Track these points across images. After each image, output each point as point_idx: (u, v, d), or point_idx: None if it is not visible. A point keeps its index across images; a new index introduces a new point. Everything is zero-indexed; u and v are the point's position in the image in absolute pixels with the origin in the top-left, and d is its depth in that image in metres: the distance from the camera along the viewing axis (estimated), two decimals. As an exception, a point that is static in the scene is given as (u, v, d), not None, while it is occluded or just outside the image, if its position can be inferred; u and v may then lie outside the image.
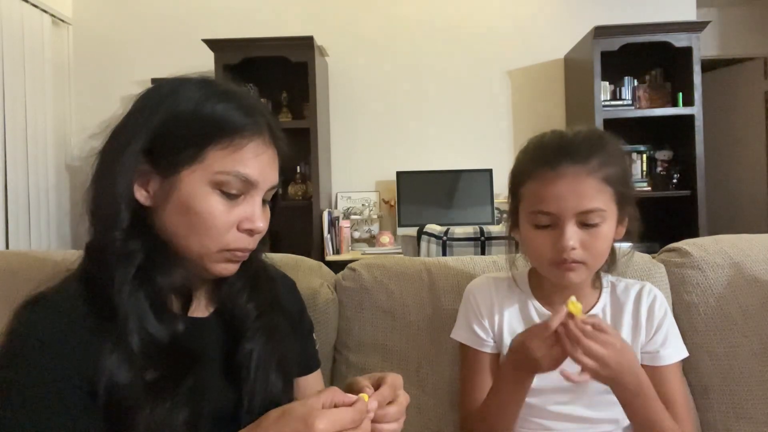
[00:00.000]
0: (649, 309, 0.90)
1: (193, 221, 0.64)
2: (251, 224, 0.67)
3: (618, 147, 0.86)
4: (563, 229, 0.80)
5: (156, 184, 0.65)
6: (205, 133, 0.64)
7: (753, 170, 4.11)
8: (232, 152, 0.65)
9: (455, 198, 3.24)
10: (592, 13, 3.35)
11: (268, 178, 0.69)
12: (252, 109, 0.68)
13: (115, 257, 0.62)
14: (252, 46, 3.03)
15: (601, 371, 0.73)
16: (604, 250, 0.82)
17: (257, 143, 0.67)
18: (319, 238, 3.06)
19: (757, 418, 1.02)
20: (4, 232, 2.78)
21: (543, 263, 0.84)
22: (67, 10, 3.37)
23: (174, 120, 0.65)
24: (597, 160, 0.80)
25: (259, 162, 0.67)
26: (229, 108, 0.66)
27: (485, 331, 0.94)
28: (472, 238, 2.00)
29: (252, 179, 0.66)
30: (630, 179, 0.87)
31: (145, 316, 0.62)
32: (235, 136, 0.65)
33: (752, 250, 1.11)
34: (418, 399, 1.05)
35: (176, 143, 0.64)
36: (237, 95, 0.69)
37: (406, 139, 3.46)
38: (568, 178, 0.80)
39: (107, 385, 0.57)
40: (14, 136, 2.84)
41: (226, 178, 0.65)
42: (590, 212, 0.79)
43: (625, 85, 3.20)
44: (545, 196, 0.81)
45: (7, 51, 2.79)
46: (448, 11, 3.44)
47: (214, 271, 0.69)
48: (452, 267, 1.14)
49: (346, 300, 1.13)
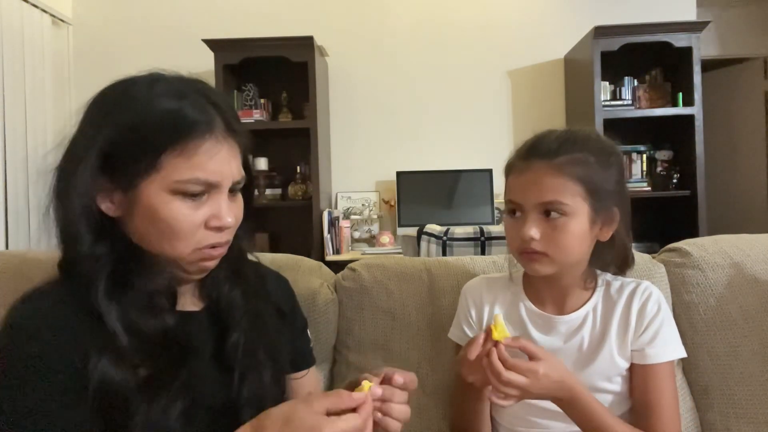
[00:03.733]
0: (641, 307, 0.90)
1: (161, 228, 0.64)
2: (218, 222, 0.66)
3: (606, 148, 0.87)
4: (526, 218, 0.84)
5: (119, 196, 0.65)
6: (155, 141, 0.63)
7: (753, 170, 4.11)
8: (188, 158, 0.63)
9: (455, 198, 3.24)
10: (592, 13, 3.35)
11: (228, 175, 0.67)
12: (202, 106, 0.66)
13: (84, 270, 0.62)
14: (252, 46, 3.03)
15: (523, 396, 0.76)
16: (568, 245, 0.83)
17: (211, 143, 0.65)
18: (319, 238, 3.06)
19: (757, 418, 1.02)
20: (4, 232, 2.78)
21: (513, 252, 0.88)
22: (67, 10, 3.37)
23: (123, 131, 0.63)
24: (566, 158, 0.83)
25: (216, 162, 0.65)
26: (177, 109, 0.64)
27: (474, 331, 0.96)
28: (472, 238, 2.00)
29: (212, 181, 0.65)
30: (618, 180, 0.87)
31: (131, 315, 0.62)
32: (188, 140, 0.63)
33: (752, 250, 1.11)
34: (418, 399, 1.05)
35: (129, 155, 0.63)
36: (185, 93, 0.66)
37: (406, 139, 3.46)
38: (533, 171, 0.84)
39: (100, 384, 0.58)
40: (14, 136, 2.84)
41: (186, 185, 0.63)
42: (550, 203, 0.82)
43: (625, 85, 3.20)
44: (514, 187, 0.87)
45: (7, 51, 2.79)
46: (448, 11, 3.44)
47: (192, 272, 0.69)
48: (452, 267, 1.14)
49: (346, 300, 1.13)
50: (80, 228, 0.63)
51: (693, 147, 2.96)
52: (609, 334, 0.89)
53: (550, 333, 0.91)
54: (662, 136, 3.25)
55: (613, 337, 0.89)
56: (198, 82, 0.69)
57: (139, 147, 0.63)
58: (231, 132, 0.68)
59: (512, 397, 0.76)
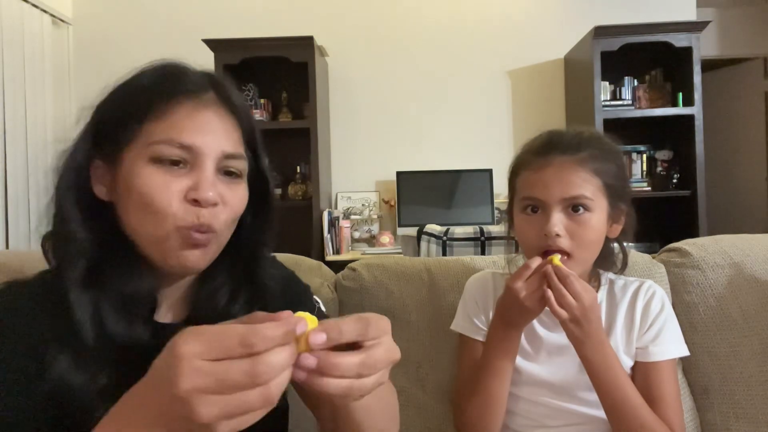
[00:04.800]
0: (645, 305, 0.90)
1: (136, 201, 0.59)
2: (196, 193, 0.59)
3: (612, 146, 0.89)
4: (549, 214, 0.82)
5: (108, 178, 0.62)
6: (136, 108, 0.60)
7: (753, 170, 4.12)
8: (164, 120, 0.60)
9: (455, 198, 3.24)
10: (592, 13, 3.35)
11: (214, 145, 0.61)
12: (191, 74, 0.63)
13: (63, 251, 0.60)
14: (252, 46, 3.03)
15: (569, 324, 0.77)
16: (591, 242, 0.83)
17: (194, 104, 0.61)
18: (319, 238, 3.06)
19: (757, 418, 1.02)
20: (4, 232, 2.78)
21: (531, 251, 0.85)
22: (67, 10, 3.37)
23: (110, 103, 0.62)
24: (586, 153, 0.83)
25: (197, 125, 0.60)
26: (162, 75, 0.62)
27: (481, 322, 0.96)
28: (472, 238, 2.00)
29: (188, 144, 0.59)
30: (625, 178, 0.89)
31: (102, 313, 0.58)
32: (170, 102, 0.60)
33: (752, 250, 1.11)
34: (418, 398, 1.05)
35: (114, 126, 0.61)
36: (176, 65, 0.64)
37: (406, 139, 3.46)
38: (555, 166, 0.83)
39: (58, 386, 0.55)
40: (14, 136, 2.84)
41: (160, 147, 0.59)
42: (576, 199, 0.81)
43: (625, 85, 3.20)
44: (534, 183, 0.85)
45: (7, 51, 2.79)
46: (448, 11, 3.44)
47: (176, 262, 0.61)
48: (452, 267, 1.14)
49: (347, 300, 1.13)
50: (67, 204, 0.60)
51: (693, 147, 2.96)
52: (614, 332, 0.90)
53: (556, 330, 0.90)
54: (662, 136, 3.25)
55: (618, 335, 0.89)
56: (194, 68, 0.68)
57: (122, 115, 0.61)
58: (225, 102, 0.64)
59: (559, 317, 0.76)
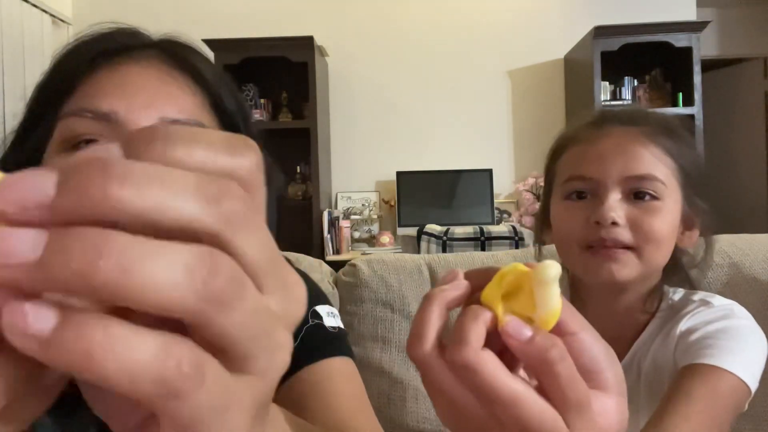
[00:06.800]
0: None
1: None
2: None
3: (685, 131, 0.69)
4: (604, 197, 0.59)
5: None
6: (51, 97, 0.49)
7: (753, 170, 4.11)
8: (76, 94, 0.47)
9: (455, 198, 3.24)
10: (592, 13, 3.35)
11: (145, 106, 0.45)
12: (123, 34, 0.51)
13: None
14: (252, 46, 3.04)
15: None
16: (661, 238, 0.60)
17: (119, 63, 0.48)
18: (319, 238, 3.06)
19: (757, 417, 1.01)
20: (4, 232, 2.78)
21: (573, 249, 0.62)
22: (67, 10, 3.37)
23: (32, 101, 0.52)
24: (654, 127, 0.63)
25: (117, 86, 0.46)
26: (83, 43, 0.50)
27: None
28: (472, 238, 2.00)
29: (104, 111, 0.44)
30: (703, 170, 0.69)
31: None
32: (88, 71, 0.48)
33: (751, 250, 1.11)
34: (417, 390, 1.06)
35: (33, 127, 0.50)
36: (119, 29, 0.52)
37: (406, 139, 3.47)
38: (614, 138, 0.62)
39: None
40: (14, 135, 2.84)
41: (68, 123, 0.46)
42: (641, 179, 0.60)
43: (625, 85, 3.20)
44: (584, 158, 0.63)
45: (7, 51, 2.80)
46: (448, 11, 3.44)
47: None
48: (452, 263, 1.14)
49: (347, 295, 1.13)
50: None
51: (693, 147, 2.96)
52: (662, 378, 0.65)
53: None
54: (662, 136, 3.25)
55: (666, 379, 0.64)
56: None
57: (39, 111, 0.50)
58: (174, 60, 0.51)
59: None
